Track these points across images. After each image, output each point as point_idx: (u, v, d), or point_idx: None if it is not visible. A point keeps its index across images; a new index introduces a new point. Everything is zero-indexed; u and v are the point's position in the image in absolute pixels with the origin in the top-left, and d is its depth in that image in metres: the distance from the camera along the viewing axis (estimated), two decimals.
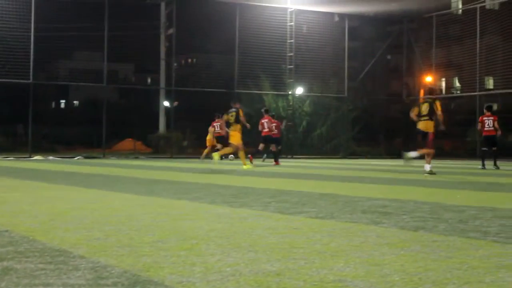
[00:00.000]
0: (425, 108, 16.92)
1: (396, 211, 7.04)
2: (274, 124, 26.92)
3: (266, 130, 26.30)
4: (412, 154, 17.35)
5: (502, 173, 18.47)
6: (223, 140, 26.91)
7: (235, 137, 20.82)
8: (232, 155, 29.93)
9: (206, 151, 28.02)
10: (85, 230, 5.30)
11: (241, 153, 21.00)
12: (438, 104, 16.81)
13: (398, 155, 39.01)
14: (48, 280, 3.36)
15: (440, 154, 38.64)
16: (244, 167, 20.36)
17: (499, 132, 22.60)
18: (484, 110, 23.09)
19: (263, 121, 26.53)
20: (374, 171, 19.02)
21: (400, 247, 4.53)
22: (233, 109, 21.00)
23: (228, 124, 21.61)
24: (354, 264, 3.85)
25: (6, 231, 5.21)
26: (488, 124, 22.47)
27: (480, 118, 23.03)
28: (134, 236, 4.96)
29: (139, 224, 5.75)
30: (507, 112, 37.17)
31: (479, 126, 22.96)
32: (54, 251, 4.23)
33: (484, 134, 22.76)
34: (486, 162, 22.58)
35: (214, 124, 28.66)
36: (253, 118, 39.00)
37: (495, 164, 22.36)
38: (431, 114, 16.78)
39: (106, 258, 4.00)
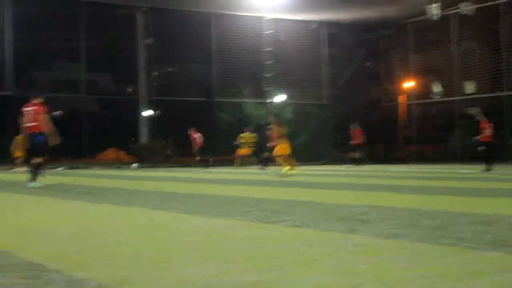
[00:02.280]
0: None
1: (374, 218, 7.08)
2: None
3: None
4: None
5: (487, 177, 18.59)
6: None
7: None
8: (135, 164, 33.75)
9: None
10: (62, 243, 5.31)
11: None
12: None
13: (381, 160, 39.32)
14: None
15: (421, 159, 38.94)
16: (295, 171, 22.21)
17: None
18: (480, 118, 23.49)
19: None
20: (355, 177, 19.09)
21: (374, 255, 4.57)
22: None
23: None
24: (327, 274, 3.88)
25: None
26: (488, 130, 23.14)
27: (484, 123, 23.36)
28: (111, 249, 4.98)
29: (116, 237, 5.76)
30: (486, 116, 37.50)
31: (489, 131, 23.27)
32: (30, 265, 4.24)
33: (486, 139, 23.23)
34: (478, 166, 23.18)
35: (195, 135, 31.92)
36: (235, 128, 39.08)
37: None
38: None
39: (82, 272, 4.01)
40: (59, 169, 32.27)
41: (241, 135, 32.44)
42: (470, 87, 38.55)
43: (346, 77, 42.85)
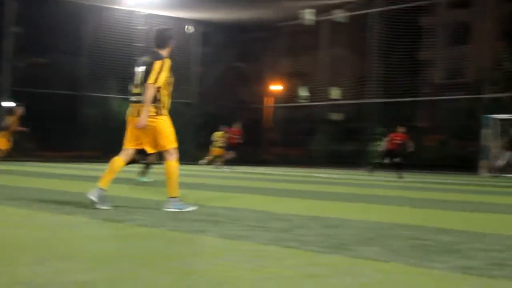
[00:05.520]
0: None
1: (225, 219, 7.09)
2: None
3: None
4: None
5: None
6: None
7: None
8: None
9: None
10: None
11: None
12: None
13: (246, 162, 39.61)
14: None
15: (285, 162, 39.51)
16: None
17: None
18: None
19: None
20: (214, 178, 19.13)
21: (216, 256, 4.61)
22: None
23: None
24: (166, 274, 3.86)
25: None
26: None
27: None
28: None
29: None
30: (349, 121, 38.70)
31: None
32: None
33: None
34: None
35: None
36: (99, 123, 38.17)
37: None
38: None
39: None
40: None
41: (215, 133, 31.69)
42: (335, 93, 39.39)
43: (215, 76, 42.98)
